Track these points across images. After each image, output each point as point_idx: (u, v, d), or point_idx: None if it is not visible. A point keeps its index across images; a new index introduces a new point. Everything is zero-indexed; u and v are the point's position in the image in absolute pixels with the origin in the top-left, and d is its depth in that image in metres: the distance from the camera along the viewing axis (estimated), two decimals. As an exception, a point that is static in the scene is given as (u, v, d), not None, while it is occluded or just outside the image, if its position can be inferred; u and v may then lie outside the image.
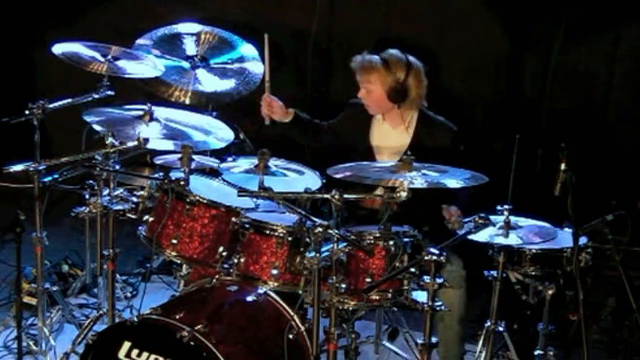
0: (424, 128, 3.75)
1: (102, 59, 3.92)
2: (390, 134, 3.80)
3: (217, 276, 3.28)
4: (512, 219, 3.20)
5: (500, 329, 3.41)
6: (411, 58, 3.71)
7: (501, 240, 3.15)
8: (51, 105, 3.63)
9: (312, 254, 2.83)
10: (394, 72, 3.66)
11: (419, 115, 3.77)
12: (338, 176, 3.14)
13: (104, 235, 3.70)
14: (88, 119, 3.57)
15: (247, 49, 4.53)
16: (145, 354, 2.87)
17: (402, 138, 3.76)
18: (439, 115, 3.79)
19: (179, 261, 3.45)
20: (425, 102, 3.77)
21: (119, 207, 3.64)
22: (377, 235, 3.11)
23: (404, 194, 2.92)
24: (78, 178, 3.73)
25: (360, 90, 3.75)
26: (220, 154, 3.70)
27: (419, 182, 3.02)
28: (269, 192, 3.10)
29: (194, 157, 3.40)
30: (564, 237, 3.25)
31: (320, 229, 2.81)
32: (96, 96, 3.86)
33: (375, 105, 3.76)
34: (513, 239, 3.16)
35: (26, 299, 3.91)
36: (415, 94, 3.69)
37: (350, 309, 3.13)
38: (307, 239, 2.93)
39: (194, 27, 4.55)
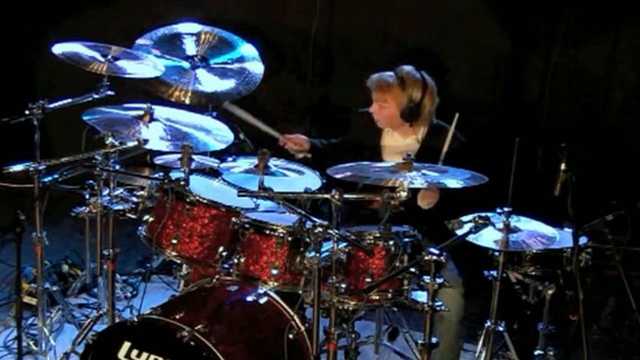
0: (433, 137, 3.73)
1: (102, 59, 3.91)
2: (400, 143, 3.78)
3: (217, 276, 3.28)
4: (513, 221, 3.19)
5: (500, 329, 3.41)
6: (426, 76, 3.70)
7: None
8: (51, 105, 3.63)
9: (312, 254, 2.83)
10: (410, 92, 3.65)
11: (429, 127, 3.76)
12: (338, 176, 3.14)
13: (104, 235, 3.70)
14: (88, 119, 3.57)
15: (247, 49, 4.53)
16: (145, 354, 2.87)
17: (412, 146, 3.75)
18: (438, 114, 3.79)
19: (179, 261, 3.44)
20: (434, 117, 3.77)
21: (119, 207, 3.64)
22: (377, 235, 3.11)
23: (404, 194, 2.92)
24: (78, 178, 3.73)
25: (373, 105, 3.74)
26: (220, 154, 3.70)
27: (419, 182, 3.02)
28: (269, 192, 3.10)
29: (194, 157, 3.40)
30: (564, 237, 3.25)
31: (320, 229, 2.81)
32: (96, 96, 3.86)
33: (386, 122, 3.77)
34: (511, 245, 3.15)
35: (26, 299, 3.91)
36: (427, 112, 3.70)
37: (350, 309, 3.13)
38: (307, 239, 2.93)
39: (194, 27, 4.54)
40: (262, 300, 3.16)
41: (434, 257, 2.67)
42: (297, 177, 3.46)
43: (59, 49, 3.89)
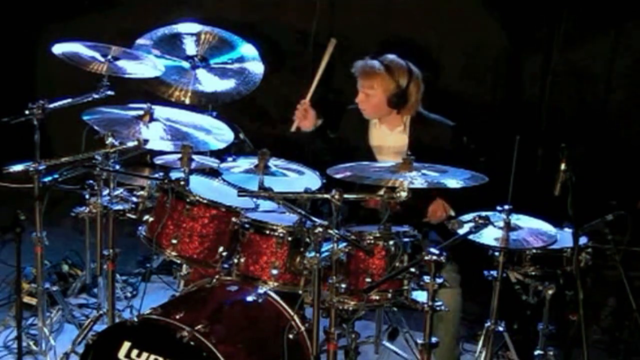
0: (420, 127, 3.76)
1: (102, 59, 3.91)
2: (389, 136, 3.80)
3: (217, 276, 3.28)
4: (513, 219, 3.19)
5: (500, 329, 3.41)
6: (410, 64, 3.71)
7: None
8: (51, 105, 3.63)
9: (312, 254, 2.83)
10: (396, 78, 3.66)
11: (413, 116, 3.77)
12: (338, 176, 3.14)
13: (104, 235, 3.70)
14: (88, 119, 3.57)
15: (247, 49, 4.53)
16: (145, 354, 2.87)
17: (401, 139, 3.77)
18: (437, 114, 3.79)
19: (179, 261, 3.44)
20: (420, 105, 3.77)
21: (119, 207, 3.64)
22: (377, 235, 3.11)
23: (404, 194, 2.92)
24: (78, 178, 3.73)
25: (359, 95, 3.74)
26: (220, 154, 3.70)
27: (419, 182, 3.02)
28: (269, 192, 3.10)
29: (194, 157, 3.40)
30: (564, 237, 3.25)
31: (320, 229, 2.81)
32: (96, 96, 3.86)
33: (372, 111, 3.76)
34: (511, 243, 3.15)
35: (26, 299, 3.91)
36: (414, 99, 3.71)
37: (350, 309, 3.13)
38: (307, 239, 2.93)
39: (194, 27, 4.54)
40: (262, 300, 3.16)
41: (434, 257, 2.67)
42: (297, 177, 3.46)
43: (59, 49, 3.89)
